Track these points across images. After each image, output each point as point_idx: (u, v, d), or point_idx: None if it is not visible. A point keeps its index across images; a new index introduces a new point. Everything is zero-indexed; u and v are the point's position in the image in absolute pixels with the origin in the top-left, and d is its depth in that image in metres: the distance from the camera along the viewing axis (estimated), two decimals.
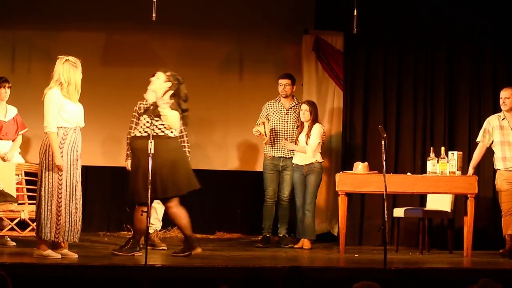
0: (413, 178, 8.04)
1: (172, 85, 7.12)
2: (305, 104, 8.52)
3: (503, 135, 7.92)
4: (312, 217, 8.45)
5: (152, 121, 6.86)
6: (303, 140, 8.45)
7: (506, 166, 7.90)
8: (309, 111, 8.45)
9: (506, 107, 7.94)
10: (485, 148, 8.06)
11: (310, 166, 8.44)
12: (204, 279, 6.17)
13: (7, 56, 9.36)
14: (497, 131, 7.95)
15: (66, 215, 6.66)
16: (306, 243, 8.43)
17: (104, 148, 9.56)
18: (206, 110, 9.48)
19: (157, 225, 8.04)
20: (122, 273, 6.17)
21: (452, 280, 6.46)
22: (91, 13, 9.45)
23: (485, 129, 8.04)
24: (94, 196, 9.70)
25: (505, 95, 7.96)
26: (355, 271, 6.57)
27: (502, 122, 7.95)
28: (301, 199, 8.50)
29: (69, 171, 6.69)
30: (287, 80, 8.65)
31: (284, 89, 8.64)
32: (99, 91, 9.48)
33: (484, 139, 8.03)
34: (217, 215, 9.94)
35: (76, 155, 6.78)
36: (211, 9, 9.64)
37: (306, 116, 8.45)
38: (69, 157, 6.70)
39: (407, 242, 8.84)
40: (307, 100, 8.68)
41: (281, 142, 8.55)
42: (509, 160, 7.89)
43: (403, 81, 9.11)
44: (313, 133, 8.41)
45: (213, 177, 9.61)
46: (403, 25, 9.11)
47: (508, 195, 7.86)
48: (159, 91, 7.13)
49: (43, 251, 6.67)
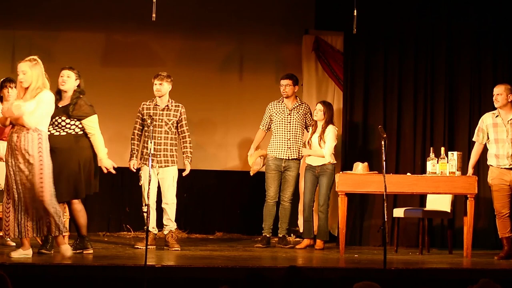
0: (413, 178, 8.03)
1: (80, 81, 7.20)
2: (320, 104, 8.51)
3: (497, 133, 7.86)
4: (325, 219, 8.47)
5: (69, 119, 6.97)
6: (316, 141, 8.43)
7: (499, 163, 7.84)
8: (322, 111, 8.44)
9: (498, 104, 7.88)
10: (481, 147, 8.03)
11: (323, 168, 8.44)
12: (204, 279, 6.17)
13: (7, 56, 9.36)
14: (491, 128, 7.90)
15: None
16: (319, 243, 8.45)
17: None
18: (206, 110, 9.50)
19: (170, 226, 8.02)
20: (122, 273, 6.17)
21: (452, 280, 6.46)
22: (91, 13, 9.45)
23: (479, 128, 8.01)
24: (94, 196, 9.67)
25: (498, 92, 7.88)
26: (355, 271, 6.57)
27: (495, 119, 7.90)
28: (309, 198, 8.50)
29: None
30: (288, 81, 8.65)
31: (284, 90, 8.64)
32: (99, 91, 9.46)
33: (478, 137, 8.02)
34: (217, 215, 9.94)
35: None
36: (211, 9, 9.65)
37: (319, 116, 8.44)
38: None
39: (407, 242, 8.84)
40: (322, 101, 8.66)
41: (300, 149, 8.51)
42: (501, 157, 7.83)
43: (403, 81, 9.11)
44: (328, 136, 8.38)
45: (213, 177, 9.61)
46: (403, 25, 9.12)
47: (500, 195, 7.83)
48: (71, 90, 7.20)
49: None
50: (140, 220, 9.21)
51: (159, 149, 8.02)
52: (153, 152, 7.94)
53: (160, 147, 8.03)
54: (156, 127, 8.02)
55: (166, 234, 8.00)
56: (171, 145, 8.07)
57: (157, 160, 8.01)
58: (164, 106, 8.10)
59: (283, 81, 8.68)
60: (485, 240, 8.72)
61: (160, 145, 8.03)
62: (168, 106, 8.10)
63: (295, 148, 8.60)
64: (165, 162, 8.03)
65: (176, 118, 8.09)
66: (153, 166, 7.97)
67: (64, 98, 7.22)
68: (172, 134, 8.08)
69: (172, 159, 8.06)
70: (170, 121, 8.06)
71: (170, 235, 8.00)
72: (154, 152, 7.97)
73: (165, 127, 8.05)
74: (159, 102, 8.11)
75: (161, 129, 8.05)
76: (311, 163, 8.50)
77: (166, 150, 8.04)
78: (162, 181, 8.05)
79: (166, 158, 8.03)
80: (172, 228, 8.03)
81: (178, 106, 8.14)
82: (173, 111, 8.10)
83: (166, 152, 8.03)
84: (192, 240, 9.12)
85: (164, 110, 8.09)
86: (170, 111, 8.10)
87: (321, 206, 8.45)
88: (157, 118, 8.05)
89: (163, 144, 8.04)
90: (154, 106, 8.11)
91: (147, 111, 8.10)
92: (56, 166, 6.81)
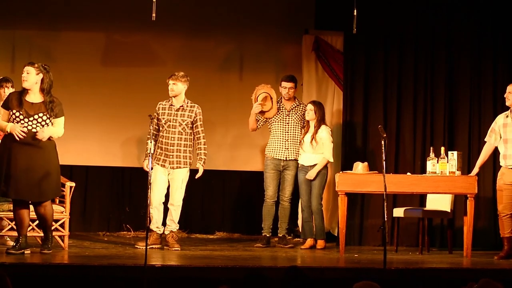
0: (413, 178, 8.03)
1: (44, 75, 6.92)
2: (310, 104, 8.51)
3: (506, 133, 7.83)
4: (321, 218, 8.47)
5: (45, 116, 6.85)
6: (308, 140, 8.44)
7: (507, 163, 7.82)
8: (313, 110, 8.44)
9: (509, 102, 7.80)
10: (492, 148, 7.98)
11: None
12: (204, 279, 6.17)
13: (7, 56, 9.35)
14: (502, 129, 7.87)
15: None
16: (321, 243, 8.44)
17: (103, 148, 9.56)
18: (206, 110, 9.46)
19: (172, 227, 8.01)
20: (122, 273, 6.17)
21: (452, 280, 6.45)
22: (91, 13, 9.45)
23: (492, 128, 7.96)
24: (94, 196, 9.70)
25: (510, 90, 7.79)
26: (355, 271, 6.57)
27: (506, 119, 7.87)
28: (305, 199, 8.50)
29: None
30: (292, 84, 8.63)
31: (288, 92, 8.62)
32: (99, 91, 9.48)
33: (490, 138, 7.98)
34: (217, 215, 9.94)
35: None
36: (211, 9, 9.64)
37: (311, 115, 8.44)
38: None
39: (407, 242, 8.84)
40: (313, 100, 8.66)
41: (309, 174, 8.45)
42: (509, 157, 7.79)
43: (403, 81, 9.11)
44: (324, 138, 8.37)
45: (213, 177, 9.61)
46: (403, 25, 9.11)
47: (505, 195, 7.82)
48: (34, 86, 6.92)
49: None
50: (140, 220, 9.25)
51: (172, 150, 7.94)
52: (166, 153, 7.92)
53: (173, 148, 7.95)
54: (170, 127, 7.95)
55: (166, 234, 7.99)
56: (185, 146, 7.98)
57: (169, 161, 7.94)
58: (179, 107, 8.01)
59: (286, 83, 8.64)
60: (485, 240, 8.72)
61: (173, 146, 7.95)
62: (183, 107, 8.01)
63: (293, 149, 8.58)
64: (177, 164, 7.94)
65: (190, 119, 7.99)
66: (164, 167, 7.95)
67: (32, 94, 6.92)
68: (186, 135, 7.99)
69: (184, 160, 7.96)
70: (184, 121, 7.97)
71: (170, 235, 7.99)
72: (167, 153, 7.93)
73: (179, 128, 7.96)
74: (174, 102, 8.03)
75: (175, 130, 7.96)
76: (304, 163, 8.49)
77: (179, 151, 7.95)
78: (172, 182, 7.98)
79: (178, 159, 7.95)
80: (174, 229, 8.02)
81: (193, 107, 8.04)
82: (188, 112, 8.01)
83: (179, 153, 7.95)
84: (192, 240, 9.12)
85: (179, 111, 8.01)
86: (185, 111, 8.00)
87: (315, 206, 8.44)
88: (171, 119, 7.96)
89: (176, 145, 7.95)
90: (169, 106, 8.02)
91: (162, 111, 8.03)
92: (40, 163, 6.79)
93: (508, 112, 7.88)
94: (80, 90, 9.36)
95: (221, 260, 7.05)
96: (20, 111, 6.84)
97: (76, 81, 9.35)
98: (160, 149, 7.99)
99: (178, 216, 8.01)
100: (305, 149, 8.47)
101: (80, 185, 9.02)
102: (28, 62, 7.05)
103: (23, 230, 6.95)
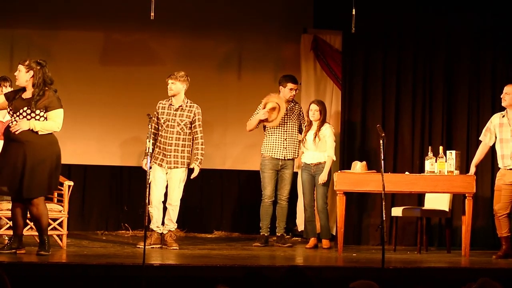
0: (411, 177, 8.03)
1: (35, 71, 6.81)
2: (314, 104, 8.49)
3: (502, 133, 7.85)
4: (326, 217, 8.48)
5: (30, 110, 6.71)
6: (311, 138, 8.43)
7: (504, 164, 7.83)
8: (319, 110, 8.44)
9: (505, 103, 7.84)
10: (487, 147, 7.99)
11: (319, 166, 8.44)
12: (202, 278, 6.17)
13: (6, 55, 9.36)
14: (498, 129, 7.89)
15: None
16: (326, 243, 8.46)
17: (102, 147, 9.56)
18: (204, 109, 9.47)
19: (170, 226, 8.00)
20: (120, 272, 6.17)
21: (450, 279, 6.46)
22: (90, 12, 9.45)
23: (487, 128, 7.97)
24: (92, 195, 9.71)
25: (507, 91, 7.83)
26: (353, 270, 6.57)
27: (502, 119, 7.88)
28: (309, 199, 8.50)
29: None
30: (298, 85, 8.68)
31: (294, 94, 8.62)
32: (98, 90, 9.49)
33: (485, 137, 7.99)
34: (216, 214, 9.95)
35: None
36: (210, 8, 9.65)
37: (316, 116, 8.44)
38: None
39: (405, 241, 8.85)
40: (316, 100, 8.65)
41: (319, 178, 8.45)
42: (506, 157, 7.81)
43: (402, 80, 9.11)
44: (328, 136, 8.38)
45: (212, 176, 9.62)
46: (402, 24, 9.12)
47: (501, 195, 7.82)
48: (26, 83, 6.81)
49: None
50: (139, 219, 9.24)
51: (170, 150, 7.92)
52: (164, 152, 7.91)
53: (171, 148, 7.92)
54: (169, 127, 7.94)
55: (165, 234, 7.99)
56: (183, 146, 7.95)
57: (166, 160, 7.92)
58: (178, 106, 7.98)
59: (292, 85, 8.58)
60: (483, 239, 8.73)
61: (171, 145, 7.93)
62: (182, 106, 7.98)
63: (291, 148, 8.59)
64: (175, 163, 7.92)
65: (189, 119, 7.96)
66: (162, 166, 7.94)
67: (28, 90, 6.83)
68: (184, 135, 7.96)
69: (182, 160, 7.94)
70: (183, 121, 7.94)
71: (168, 234, 7.98)
72: (165, 152, 7.92)
73: (177, 128, 7.94)
74: (174, 102, 8.00)
75: (173, 130, 7.94)
76: (307, 161, 8.50)
77: (177, 151, 7.92)
78: (169, 182, 7.97)
79: (176, 159, 7.93)
80: (172, 228, 8.01)
81: (193, 107, 8.01)
82: (187, 112, 7.98)
83: (177, 153, 7.92)
84: (191, 239, 9.12)
85: (178, 110, 7.98)
86: (183, 111, 7.98)
87: (320, 205, 8.46)
88: (170, 118, 7.94)
89: (174, 145, 7.93)
90: (169, 105, 8.00)
91: (161, 110, 8.00)
92: (20, 159, 6.66)
93: (504, 112, 7.90)
94: (79, 89, 9.35)
95: (219, 259, 7.05)
96: (10, 107, 6.86)
97: (75, 80, 9.35)
98: (159, 148, 7.98)
99: (176, 216, 8.01)
100: (308, 147, 8.47)
101: (79, 184, 9.02)
102: (21, 61, 6.94)
103: (16, 230, 6.88)
